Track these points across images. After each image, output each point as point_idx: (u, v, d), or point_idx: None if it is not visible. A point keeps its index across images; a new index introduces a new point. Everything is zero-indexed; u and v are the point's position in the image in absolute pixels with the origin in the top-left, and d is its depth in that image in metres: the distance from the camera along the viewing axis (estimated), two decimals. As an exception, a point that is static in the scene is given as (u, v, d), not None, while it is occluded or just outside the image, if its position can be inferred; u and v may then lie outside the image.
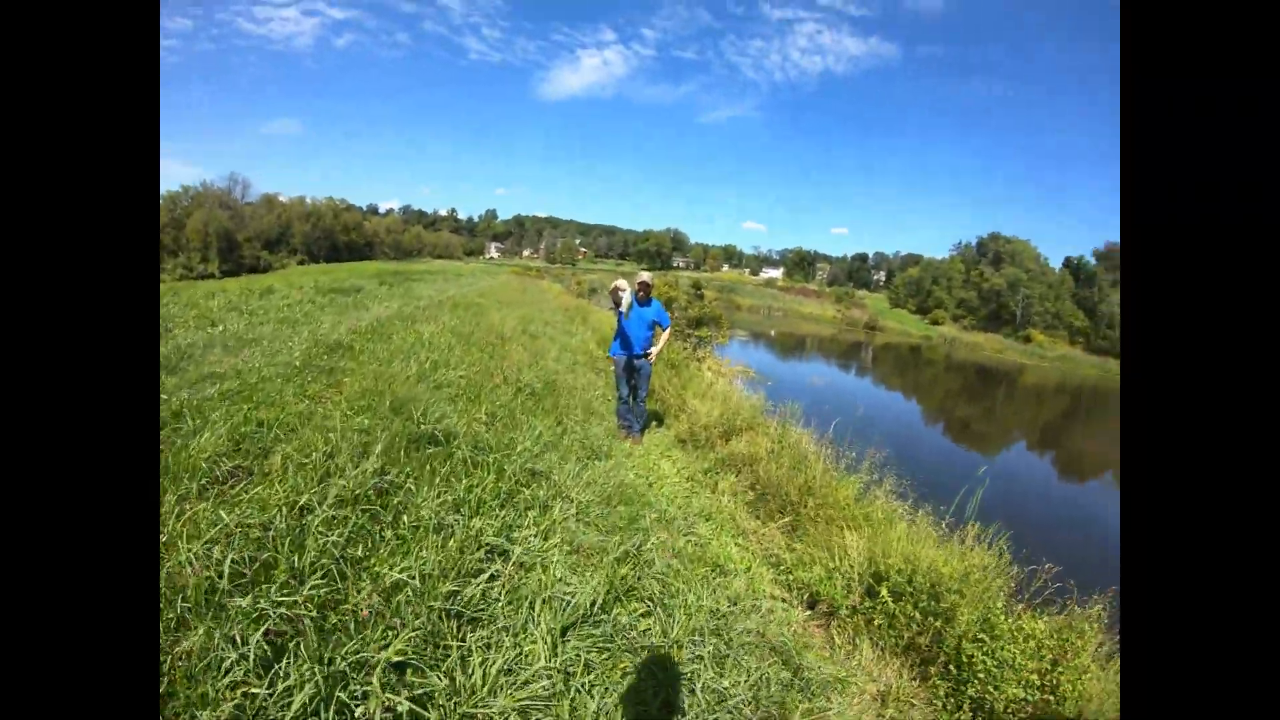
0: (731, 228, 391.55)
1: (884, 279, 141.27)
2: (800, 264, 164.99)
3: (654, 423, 8.71)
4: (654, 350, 7.40)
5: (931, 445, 22.33)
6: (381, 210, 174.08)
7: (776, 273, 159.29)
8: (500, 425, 5.50)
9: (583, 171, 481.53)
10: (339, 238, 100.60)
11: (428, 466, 4.09)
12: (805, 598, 4.88)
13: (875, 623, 4.48)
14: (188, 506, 3.16)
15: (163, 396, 4.74)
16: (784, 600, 4.70)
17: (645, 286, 7.26)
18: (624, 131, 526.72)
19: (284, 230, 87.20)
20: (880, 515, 5.82)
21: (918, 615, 4.32)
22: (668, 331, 7.62)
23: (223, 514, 3.11)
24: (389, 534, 3.30)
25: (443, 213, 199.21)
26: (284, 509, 3.28)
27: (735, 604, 4.00)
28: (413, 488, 3.79)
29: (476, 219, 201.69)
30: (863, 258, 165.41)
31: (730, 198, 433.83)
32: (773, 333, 61.20)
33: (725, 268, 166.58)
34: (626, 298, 6.92)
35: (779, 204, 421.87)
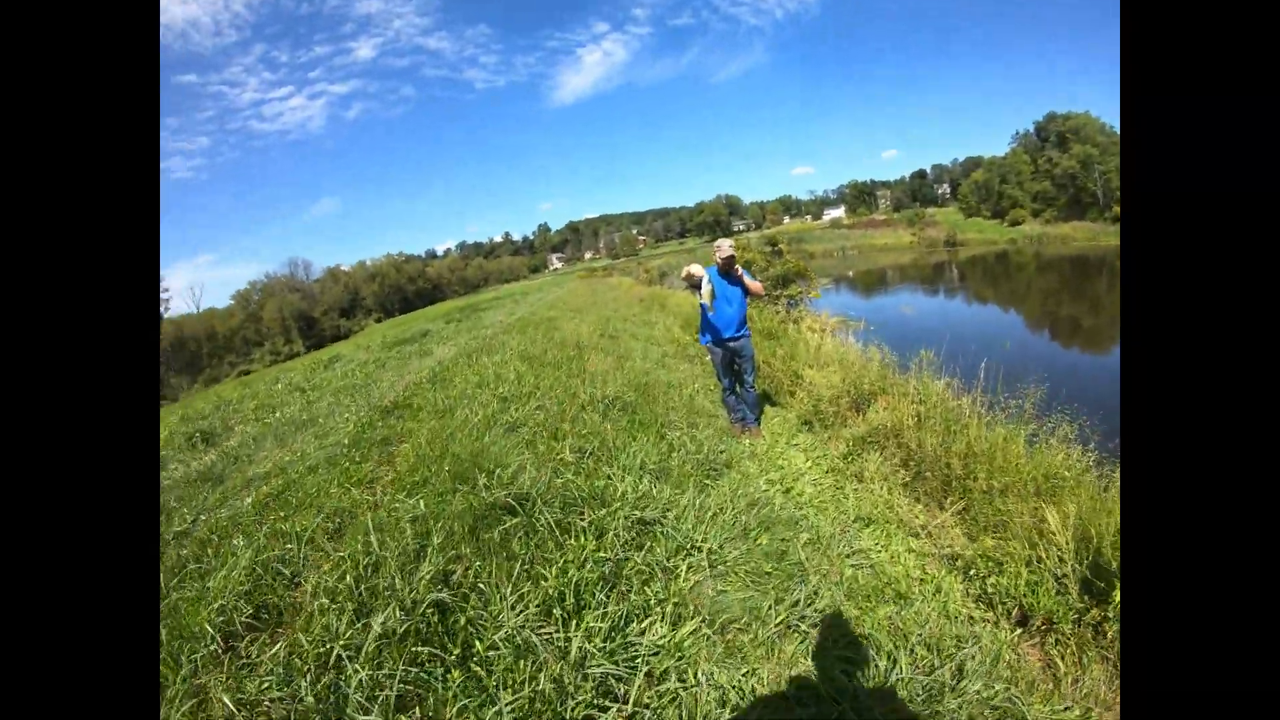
0: (781, 178, 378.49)
1: (949, 191, 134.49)
2: (860, 197, 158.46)
3: (768, 405, 7.52)
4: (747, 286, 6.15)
5: (1043, 355, 20.32)
6: (439, 252, 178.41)
7: (838, 212, 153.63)
8: (593, 460, 4.46)
9: (620, 163, 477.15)
10: (406, 289, 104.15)
11: (504, 551, 3.07)
12: (1011, 611, 3.61)
13: (1109, 635, 3.20)
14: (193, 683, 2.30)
15: (200, 516, 3.91)
16: (989, 621, 3.53)
17: (729, 261, 6.00)
18: (644, 114, 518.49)
19: (354, 296, 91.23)
20: (1069, 473, 4.49)
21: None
22: (758, 284, 6.36)
23: (226, 699, 2.20)
24: (455, 675, 2.31)
25: (498, 239, 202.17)
26: (312, 668, 2.34)
27: (940, 653, 2.87)
28: (486, 589, 2.77)
29: (531, 236, 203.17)
30: (921, 175, 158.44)
31: (771, 149, 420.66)
32: (850, 273, 58.74)
33: (786, 219, 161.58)
34: (706, 283, 5.78)
35: (822, 142, 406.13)
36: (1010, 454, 4.85)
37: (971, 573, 3.92)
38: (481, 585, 2.81)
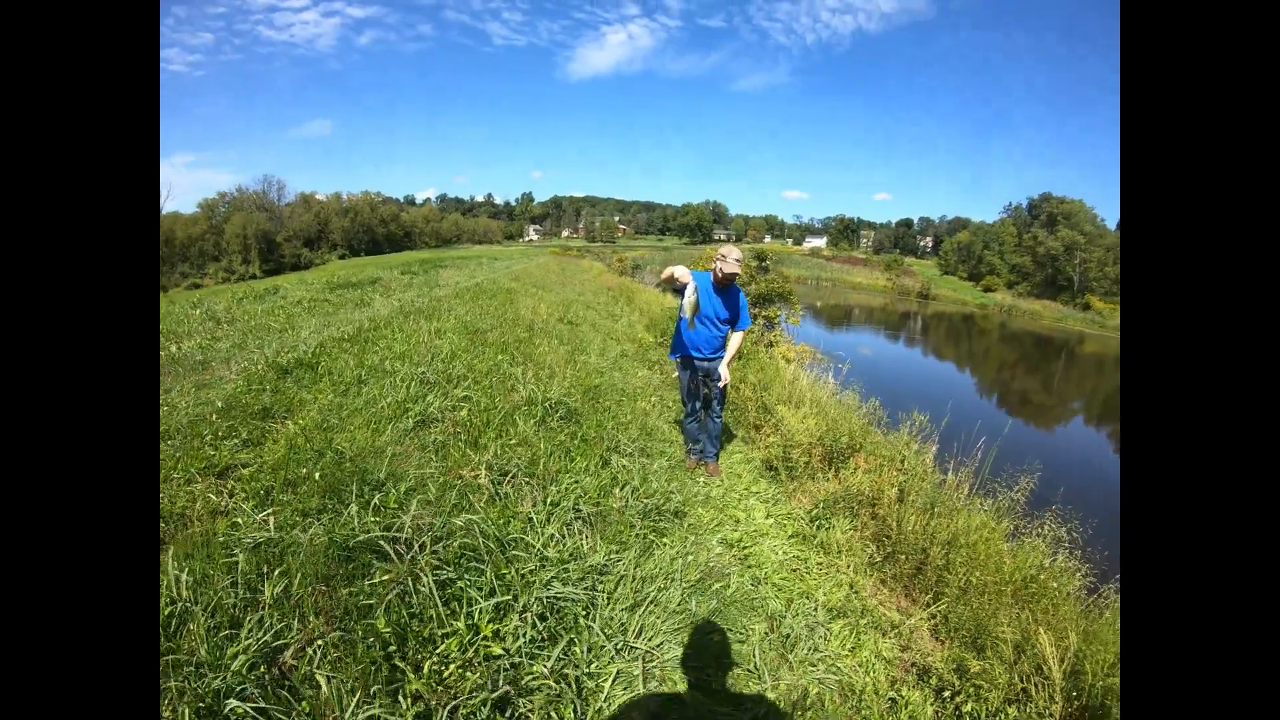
0: (771, 197, 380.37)
1: (931, 245, 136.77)
2: (844, 232, 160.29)
3: (731, 439, 6.60)
4: (724, 363, 5.20)
5: (991, 421, 20.03)
6: (419, 200, 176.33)
7: (820, 241, 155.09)
8: (514, 487, 3.55)
9: (617, 149, 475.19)
10: (377, 230, 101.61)
11: (364, 626, 2.13)
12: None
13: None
14: None
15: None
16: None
17: (731, 275, 4.94)
18: (656, 106, 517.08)
19: (322, 227, 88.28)
20: (1054, 583, 3.87)
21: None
22: (741, 336, 5.34)
23: None
24: None
25: (479, 198, 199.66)
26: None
27: None
28: (325, 687, 1.85)
29: (514, 202, 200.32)
30: (907, 223, 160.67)
31: (769, 167, 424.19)
32: (819, 304, 58.74)
33: (767, 238, 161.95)
34: (691, 294, 4.77)
35: (819, 170, 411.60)
36: (991, 548, 4.18)
37: (946, 694, 3.19)
38: (319, 677, 1.88)
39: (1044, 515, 4.56)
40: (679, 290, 4.85)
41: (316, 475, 3.31)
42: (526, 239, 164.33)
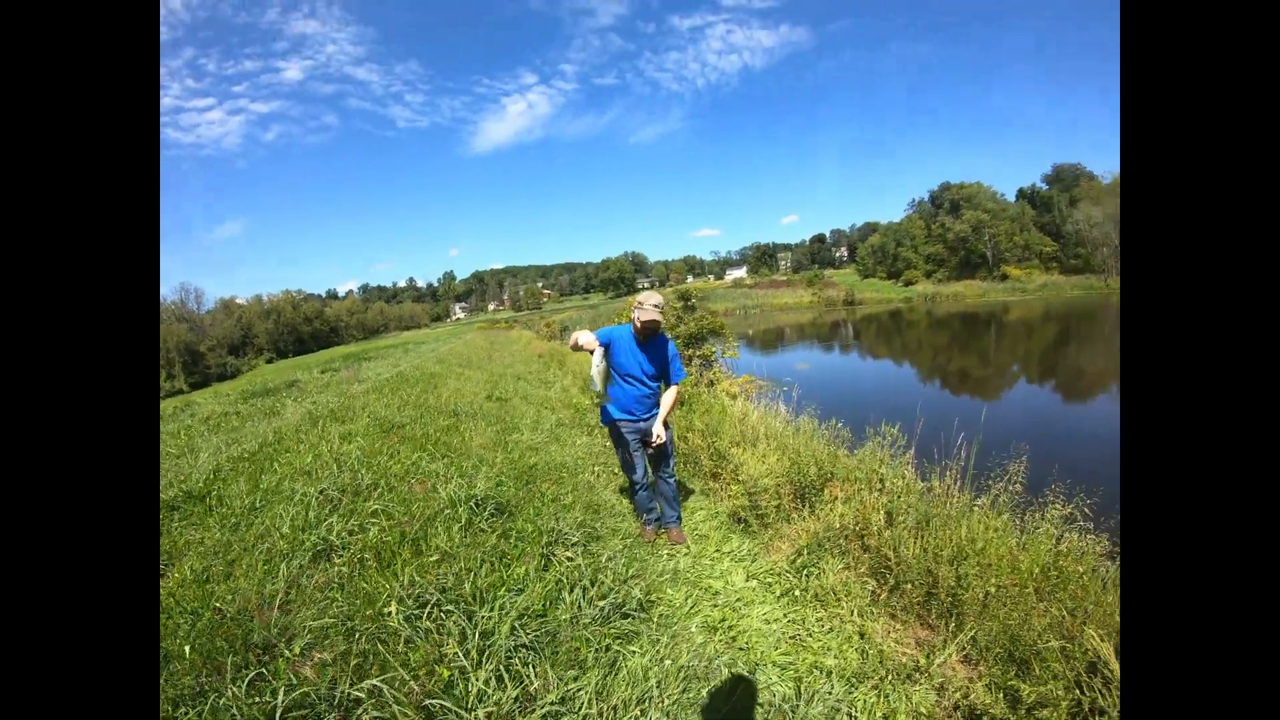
0: (687, 238, 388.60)
1: (846, 254, 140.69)
2: (762, 258, 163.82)
3: (688, 495, 5.97)
4: (659, 421, 4.57)
5: (943, 405, 19.94)
6: (341, 293, 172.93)
7: (740, 272, 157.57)
8: (435, 620, 2.87)
9: (530, 216, 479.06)
10: (302, 329, 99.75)
11: None
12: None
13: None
14: None
15: None
16: None
17: (652, 325, 4.32)
18: (561, 169, 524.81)
19: (246, 332, 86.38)
20: (1072, 566, 3.53)
21: None
22: (675, 392, 4.73)
23: None
24: None
25: (401, 284, 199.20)
26: None
27: None
28: None
29: (436, 283, 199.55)
30: (820, 239, 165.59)
31: (678, 210, 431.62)
32: (750, 331, 58.95)
33: (690, 278, 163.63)
34: (599, 361, 4.17)
35: (727, 206, 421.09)
36: (1002, 549, 3.75)
37: None
38: None
39: (1045, 496, 4.19)
40: (585, 348, 4.23)
41: (188, 649, 2.58)
42: (453, 318, 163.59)
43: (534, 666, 2.67)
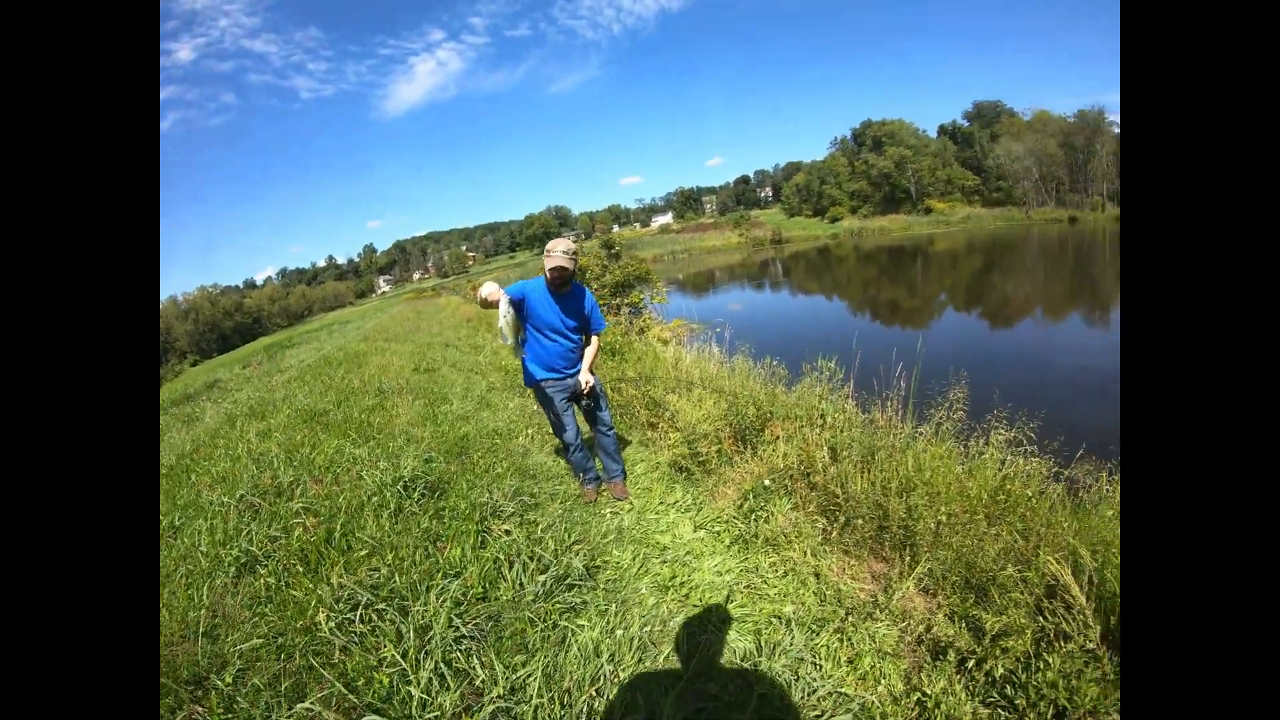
0: (611, 187, 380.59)
1: (772, 194, 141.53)
2: (687, 202, 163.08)
3: (625, 445, 5.82)
4: (584, 370, 4.40)
5: (877, 338, 20.31)
6: (259, 282, 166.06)
7: (666, 218, 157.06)
8: (369, 622, 2.67)
9: (449, 179, 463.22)
10: (224, 325, 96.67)
11: None
12: (1040, 711, 2.36)
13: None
14: None
15: None
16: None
17: (559, 271, 4.05)
18: (478, 127, 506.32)
19: (165, 337, 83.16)
20: (1021, 489, 3.52)
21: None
22: (598, 341, 4.54)
23: None
24: None
25: (321, 263, 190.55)
26: None
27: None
28: None
29: (357, 258, 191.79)
30: (745, 180, 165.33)
31: (601, 160, 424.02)
32: (680, 276, 59.06)
33: (616, 228, 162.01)
34: (506, 313, 3.82)
35: (650, 152, 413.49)
36: (950, 476, 3.69)
37: (970, 664, 2.62)
38: None
39: (987, 422, 4.13)
40: (492, 304, 3.85)
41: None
42: (379, 292, 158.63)
43: (478, 657, 2.51)
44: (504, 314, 3.79)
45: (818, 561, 3.52)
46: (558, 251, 4.03)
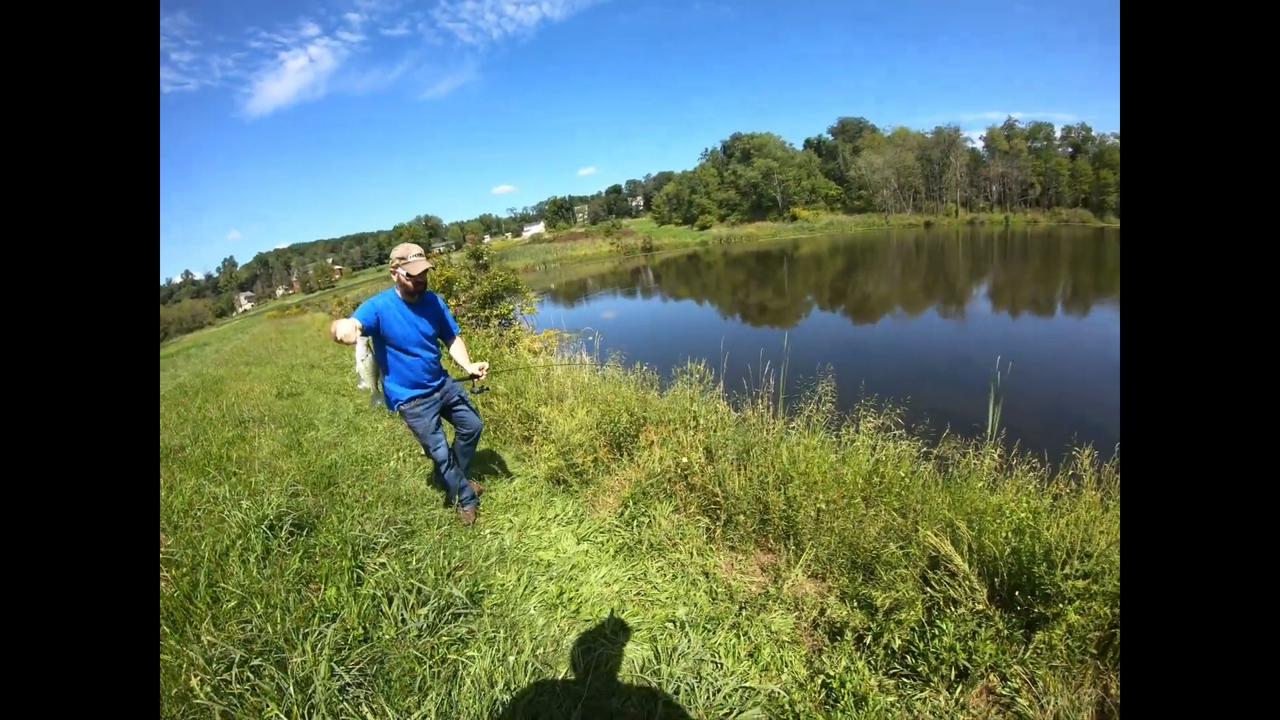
0: (483, 196, 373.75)
1: (643, 203, 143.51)
2: (559, 212, 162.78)
3: (494, 465, 5.67)
4: (471, 366, 4.34)
5: (750, 338, 21.01)
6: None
7: (538, 227, 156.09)
8: (247, 682, 2.52)
9: (315, 186, 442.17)
10: None
11: None
12: (943, 673, 2.56)
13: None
14: None
15: None
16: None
17: (423, 276, 3.91)
18: (347, 130, 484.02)
19: None
20: (894, 472, 3.71)
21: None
22: (461, 341, 4.45)
23: None
24: None
25: (177, 280, 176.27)
26: None
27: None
28: None
29: (216, 273, 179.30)
30: (616, 189, 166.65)
31: (473, 168, 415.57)
32: (553, 285, 58.85)
33: (487, 238, 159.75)
34: (365, 356, 3.63)
35: (523, 161, 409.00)
36: (824, 464, 3.82)
37: (868, 640, 2.78)
38: None
39: (856, 411, 4.28)
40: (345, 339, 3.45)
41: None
42: (240, 310, 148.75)
43: (368, 705, 2.40)
44: (361, 358, 3.58)
45: (705, 561, 3.60)
46: (413, 256, 3.87)
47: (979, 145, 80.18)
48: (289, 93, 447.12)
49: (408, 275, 3.83)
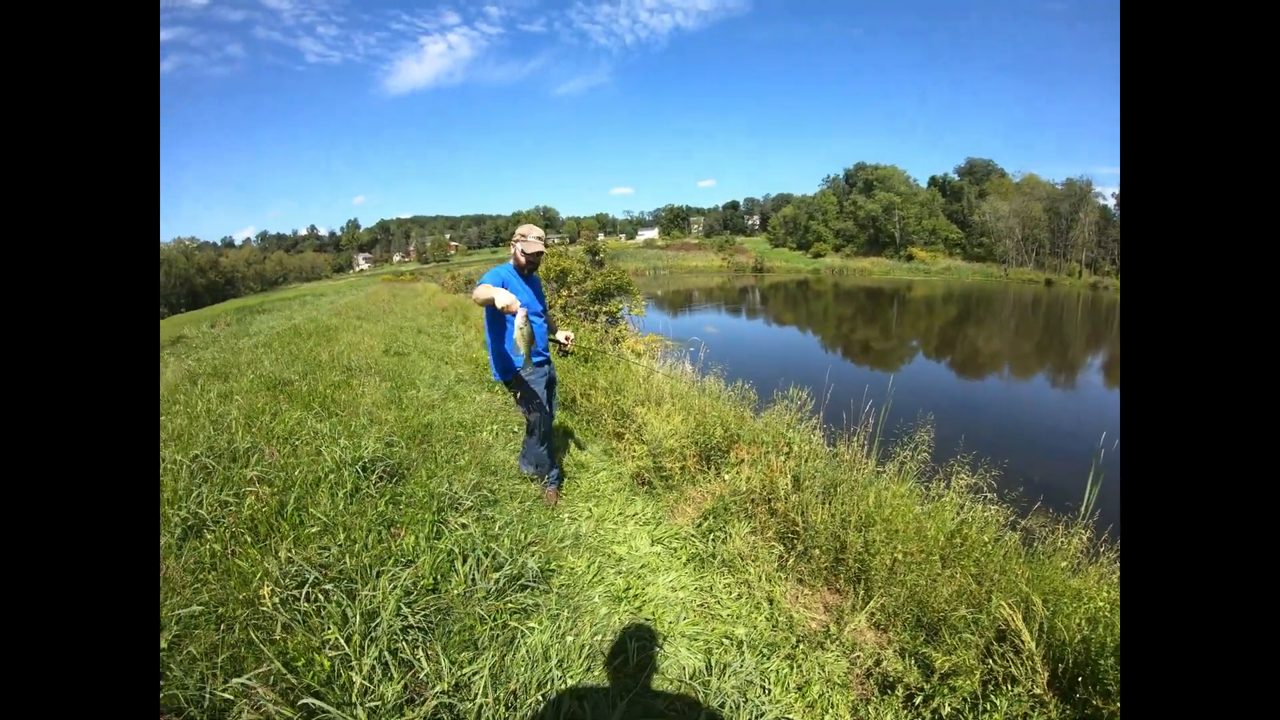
0: (600, 196, 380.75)
1: (759, 223, 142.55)
2: (675, 220, 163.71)
3: (585, 455, 5.73)
4: (561, 335, 4.68)
5: (847, 374, 20.48)
6: (238, 242, 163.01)
7: (652, 233, 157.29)
8: (315, 604, 2.59)
9: (442, 165, 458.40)
10: (196, 281, 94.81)
11: None
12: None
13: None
14: None
15: None
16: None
17: (538, 256, 4.14)
18: (479, 117, 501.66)
19: None
20: (978, 534, 3.57)
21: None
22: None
23: None
24: None
25: (302, 232, 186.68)
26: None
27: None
28: None
29: (339, 232, 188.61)
30: (734, 205, 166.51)
31: (596, 167, 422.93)
32: (659, 292, 59.18)
33: (601, 237, 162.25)
34: (522, 323, 3.66)
35: (644, 165, 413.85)
36: (908, 515, 3.70)
37: (918, 700, 2.66)
38: None
39: (949, 465, 4.15)
40: (501, 308, 3.61)
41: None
42: (357, 269, 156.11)
43: (424, 649, 2.45)
44: (519, 326, 3.67)
45: (772, 587, 3.52)
46: (533, 237, 4.10)
47: (1111, 203, 74.64)
48: (427, 76, 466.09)
49: (523, 251, 4.08)
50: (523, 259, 4.10)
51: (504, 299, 3.54)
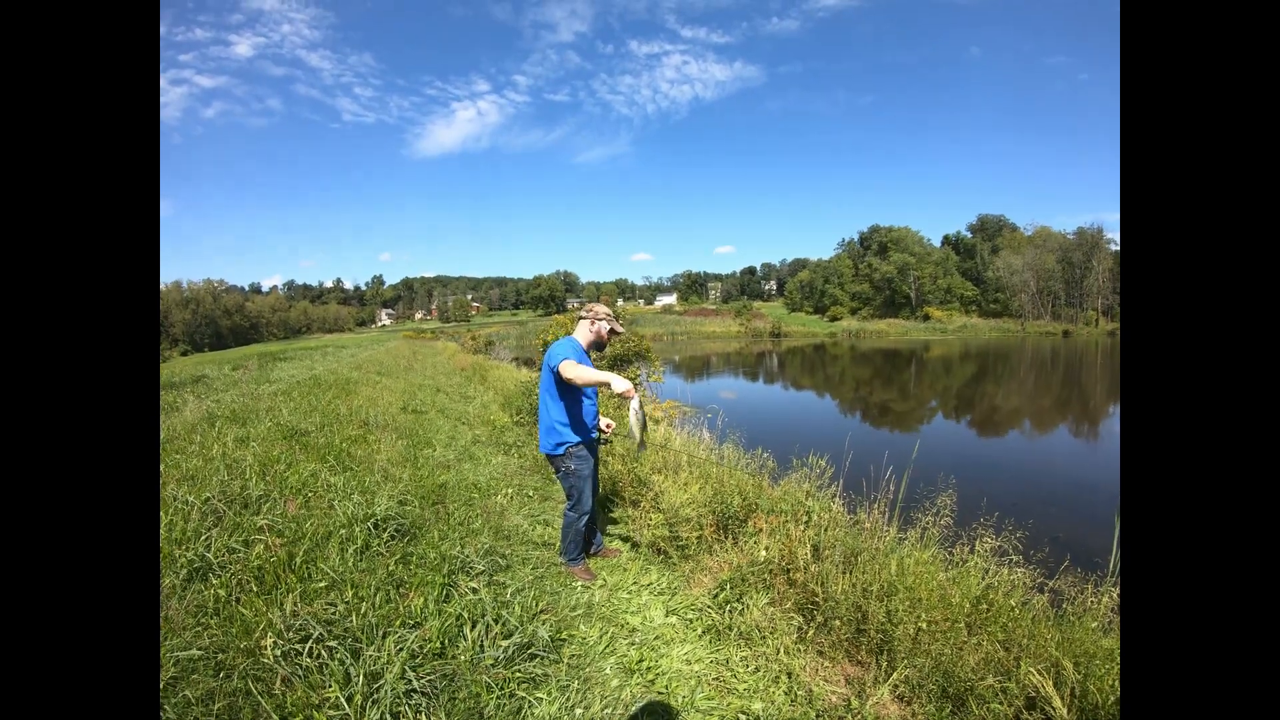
0: (620, 261, 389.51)
1: (776, 288, 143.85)
2: (692, 286, 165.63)
3: (608, 523, 5.66)
4: (602, 422, 4.55)
5: (867, 437, 20.26)
6: (265, 288, 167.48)
7: (670, 298, 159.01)
8: (317, 657, 2.52)
9: (466, 227, 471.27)
10: (221, 322, 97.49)
11: None
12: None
13: None
14: None
15: None
16: None
17: (613, 336, 4.32)
18: (503, 181, 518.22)
19: (162, 318, 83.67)
20: (1003, 600, 3.44)
21: None
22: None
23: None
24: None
25: (328, 284, 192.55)
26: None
27: None
28: None
29: (364, 286, 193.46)
30: (751, 271, 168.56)
31: (615, 232, 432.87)
32: (677, 357, 59.23)
33: (620, 302, 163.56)
34: (639, 409, 3.89)
35: (663, 232, 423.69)
36: (932, 582, 3.58)
37: None
38: None
39: (973, 529, 4.05)
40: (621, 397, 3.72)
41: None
42: (379, 324, 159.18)
43: (427, 715, 2.36)
44: (635, 410, 3.76)
45: (791, 660, 3.40)
46: (607, 314, 4.15)
47: (1124, 249, 75.65)
48: (455, 139, 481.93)
49: (610, 331, 4.14)
50: (605, 337, 4.15)
51: (621, 385, 3.56)
